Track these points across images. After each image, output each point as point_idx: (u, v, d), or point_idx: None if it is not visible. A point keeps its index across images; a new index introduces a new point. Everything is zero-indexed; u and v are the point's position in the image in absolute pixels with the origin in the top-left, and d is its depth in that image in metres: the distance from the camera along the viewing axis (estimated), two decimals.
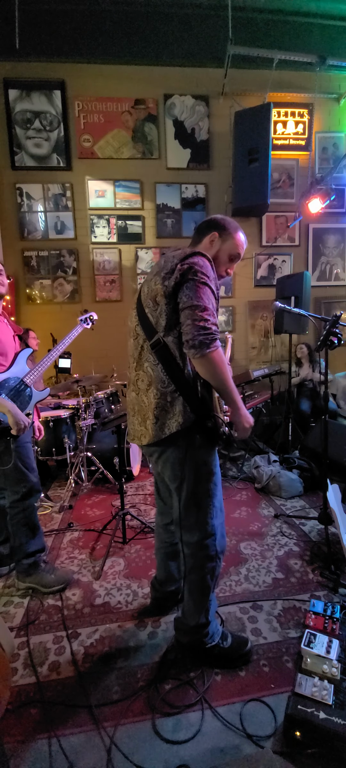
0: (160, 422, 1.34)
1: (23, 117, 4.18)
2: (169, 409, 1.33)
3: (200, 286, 1.26)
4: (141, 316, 1.39)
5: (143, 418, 1.40)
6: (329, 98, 4.58)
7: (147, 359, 1.37)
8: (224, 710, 1.36)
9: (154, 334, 1.33)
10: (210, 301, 1.27)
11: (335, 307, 4.73)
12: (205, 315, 1.24)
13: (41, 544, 2.14)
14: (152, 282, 1.35)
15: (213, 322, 1.26)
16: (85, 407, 3.40)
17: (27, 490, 2.01)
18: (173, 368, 1.31)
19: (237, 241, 1.47)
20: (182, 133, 4.42)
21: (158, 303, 1.32)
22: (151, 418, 1.35)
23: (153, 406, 1.35)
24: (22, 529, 2.03)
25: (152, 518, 2.84)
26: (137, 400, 1.42)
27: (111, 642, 1.69)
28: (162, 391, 1.33)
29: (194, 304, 1.24)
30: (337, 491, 2.35)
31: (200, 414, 1.33)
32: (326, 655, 1.42)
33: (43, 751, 1.25)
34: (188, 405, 1.32)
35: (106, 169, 4.36)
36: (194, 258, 1.29)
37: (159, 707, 1.38)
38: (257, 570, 2.16)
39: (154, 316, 1.34)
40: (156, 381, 1.34)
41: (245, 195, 4.10)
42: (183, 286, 1.27)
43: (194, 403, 1.33)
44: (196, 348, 1.23)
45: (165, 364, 1.32)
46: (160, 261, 1.41)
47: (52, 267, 4.38)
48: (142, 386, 1.39)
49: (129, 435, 1.52)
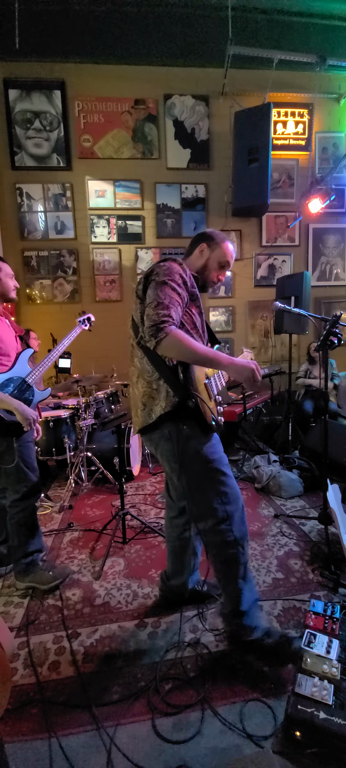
0: (147, 408, 1.46)
1: (23, 117, 4.18)
2: (155, 395, 1.45)
3: (158, 285, 1.38)
4: (131, 319, 1.57)
5: (136, 407, 1.54)
6: (329, 98, 4.58)
7: (136, 355, 1.52)
8: (224, 710, 1.36)
9: (138, 332, 1.48)
10: (166, 296, 1.36)
11: (335, 307, 4.73)
12: (157, 309, 1.33)
13: (40, 545, 2.15)
14: (136, 288, 1.52)
15: (164, 312, 1.32)
16: (85, 407, 3.40)
17: (28, 490, 2.02)
18: (155, 358, 1.42)
19: (225, 250, 1.61)
20: (181, 133, 4.42)
21: (136, 304, 1.49)
22: (140, 406, 1.49)
23: (141, 394, 1.49)
24: (21, 528, 2.04)
25: (152, 518, 2.84)
26: (132, 392, 1.57)
27: (111, 642, 1.69)
28: (148, 380, 1.46)
29: (148, 303, 1.37)
30: (337, 491, 2.35)
31: (183, 396, 1.40)
32: (326, 655, 1.42)
33: (43, 751, 1.25)
34: (171, 389, 1.42)
35: (106, 169, 4.36)
36: (159, 263, 1.45)
37: (159, 707, 1.38)
38: (257, 570, 2.16)
39: (136, 316, 1.50)
40: (143, 372, 1.48)
41: (245, 195, 4.10)
42: (147, 288, 1.42)
43: (176, 387, 1.41)
44: (149, 341, 1.33)
45: (149, 357, 1.45)
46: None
47: (52, 267, 4.38)
48: (134, 379, 1.54)
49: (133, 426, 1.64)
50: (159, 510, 2.98)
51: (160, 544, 2.47)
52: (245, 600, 1.53)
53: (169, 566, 1.84)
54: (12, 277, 2.04)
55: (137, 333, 1.48)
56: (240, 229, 4.60)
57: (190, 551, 1.77)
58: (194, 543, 1.78)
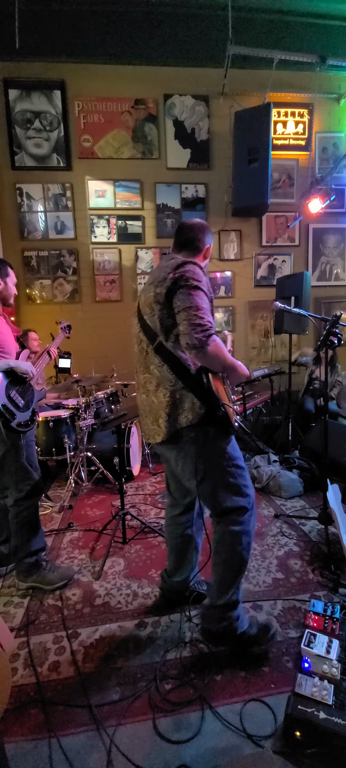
0: (172, 418, 1.42)
1: (23, 117, 4.18)
2: (179, 405, 1.42)
3: (192, 290, 1.35)
4: (141, 323, 1.50)
5: (155, 417, 1.48)
6: (329, 98, 4.57)
7: (152, 362, 1.46)
8: (224, 710, 1.36)
9: (156, 338, 1.43)
10: (204, 302, 1.35)
11: (335, 307, 4.73)
12: (199, 314, 1.31)
13: (43, 543, 2.15)
14: (148, 291, 1.47)
15: (208, 319, 1.33)
16: (85, 407, 3.40)
17: (31, 488, 2.03)
18: (177, 367, 1.41)
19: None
20: (182, 133, 4.41)
21: (153, 309, 1.43)
22: (163, 416, 1.44)
23: (164, 404, 1.43)
24: (25, 527, 2.04)
25: (152, 518, 2.84)
26: (148, 402, 1.51)
27: (111, 642, 1.69)
28: (171, 389, 1.42)
29: (188, 306, 1.33)
30: (337, 491, 2.35)
31: (210, 406, 1.40)
32: (326, 655, 1.42)
33: (43, 751, 1.25)
34: (197, 399, 1.40)
35: (106, 169, 4.36)
36: (184, 266, 1.40)
37: (159, 707, 1.38)
38: (257, 570, 2.16)
39: (152, 321, 1.44)
40: (163, 381, 1.43)
41: (245, 195, 4.09)
42: (177, 293, 1.36)
43: (202, 397, 1.40)
44: (196, 348, 1.30)
45: (170, 364, 1.42)
46: (154, 271, 1.52)
47: (52, 267, 4.38)
48: (151, 387, 1.48)
49: (145, 435, 1.60)
50: (159, 510, 2.98)
51: (160, 544, 2.47)
52: (241, 591, 1.58)
53: (171, 564, 1.85)
54: (15, 284, 2.11)
55: (154, 339, 1.44)
56: (240, 229, 4.60)
57: (192, 547, 1.79)
58: (195, 539, 1.80)
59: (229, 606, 1.52)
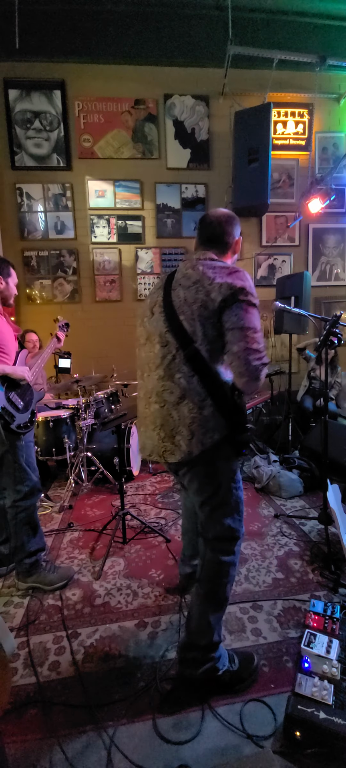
0: (195, 438, 1.25)
1: (23, 117, 4.18)
2: (204, 423, 1.26)
3: (250, 308, 1.23)
4: (173, 323, 1.29)
5: (170, 433, 1.30)
6: (329, 98, 4.57)
7: (180, 370, 1.27)
8: (224, 710, 1.36)
9: (190, 344, 1.25)
10: (259, 322, 1.26)
11: (335, 307, 4.72)
12: (257, 337, 1.22)
13: (42, 543, 2.15)
14: (193, 290, 1.27)
15: (264, 344, 1.24)
16: (85, 407, 3.40)
17: (29, 489, 2.02)
18: (209, 380, 1.26)
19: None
20: (181, 133, 4.41)
21: (199, 314, 1.25)
22: (184, 433, 1.26)
23: (188, 421, 1.26)
24: (23, 528, 2.03)
25: (152, 518, 2.84)
26: (162, 413, 1.31)
27: (111, 642, 1.69)
28: (199, 404, 1.25)
29: (246, 326, 1.21)
30: (337, 491, 2.35)
31: (235, 427, 1.29)
32: (326, 655, 1.42)
33: (43, 751, 1.25)
34: (224, 419, 1.27)
35: (106, 169, 4.36)
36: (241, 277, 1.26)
37: (159, 707, 1.38)
38: (257, 570, 2.16)
39: (192, 325, 1.25)
40: (191, 394, 1.26)
41: (245, 195, 4.09)
42: (232, 306, 1.22)
43: (229, 417, 1.28)
44: (252, 375, 1.20)
45: (201, 376, 1.25)
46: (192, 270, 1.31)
47: (52, 267, 4.38)
48: (172, 398, 1.28)
49: (144, 450, 1.42)
50: (159, 510, 2.98)
51: (160, 544, 2.47)
52: (221, 630, 1.46)
53: (189, 550, 1.87)
54: (16, 284, 2.10)
55: (187, 344, 1.25)
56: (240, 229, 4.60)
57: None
58: None
59: (209, 648, 1.40)
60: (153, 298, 1.41)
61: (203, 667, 1.40)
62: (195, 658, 1.41)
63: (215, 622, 1.41)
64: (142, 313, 1.44)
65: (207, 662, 1.40)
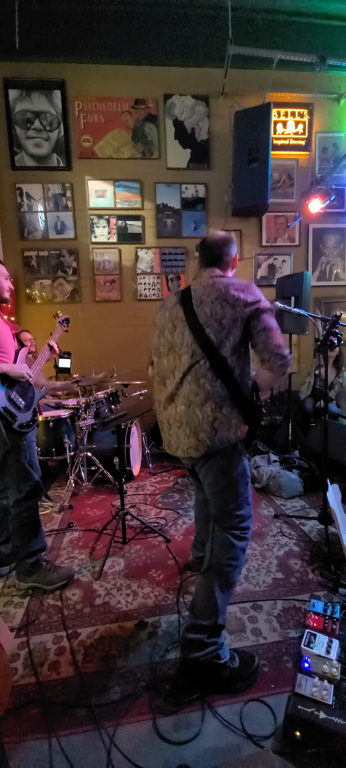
0: (219, 434, 1.42)
1: (23, 117, 4.18)
2: (225, 421, 1.42)
3: (272, 314, 1.45)
4: (200, 336, 1.44)
5: (194, 430, 1.45)
6: (329, 98, 4.57)
7: (205, 375, 1.42)
8: (224, 710, 1.36)
9: (216, 353, 1.41)
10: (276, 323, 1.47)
11: (335, 307, 4.73)
12: (280, 335, 1.42)
13: (43, 543, 2.15)
14: (218, 306, 1.42)
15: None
16: (85, 407, 3.40)
17: (31, 489, 2.02)
18: (232, 384, 1.42)
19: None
20: (182, 133, 4.41)
21: (225, 326, 1.41)
22: (208, 430, 1.42)
23: (211, 419, 1.42)
24: (25, 528, 2.03)
25: (152, 518, 2.84)
26: (187, 413, 1.46)
27: (111, 642, 1.69)
28: (220, 404, 1.42)
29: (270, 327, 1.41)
30: (337, 491, 2.35)
31: (253, 423, 1.47)
32: (326, 655, 1.42)
33: (43, 751, 1.25)
34: (242, 416, 1.44)
35: (106, 169, 4.36)
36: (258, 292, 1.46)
37: (159, 707, 1.38)
38: (257, 570, 2.16)
39: (219, 337, 1.41)
40: (214, 396, 1.42)
41: (245, 195, 4.09)
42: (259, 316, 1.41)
43: (249, 415, 1.45)
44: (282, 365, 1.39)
45: (224, 381, 1.42)
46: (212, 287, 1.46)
47: (52, 267, 4.38)
48: (197, 400, 1.43)
49: (170, 447, 1.57)
50: (159, 510, 2.98)
51: (160, 544, 2.47)
52: (225, 615, 1.52)
53: (203, 535, 1.96)
54: (7, 277, 2.04)
55: (213, 353, 1.41)
56: (240, 229, 4.60)
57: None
58: None
59: (214, 629, 1.44)
60: (172, 313, 1.54)
61: (206, 650, 1.42)
62: (198, 640, 1.43)
63: (221, 604, 1.46)
64: (162, 326, 1.57)
65: (210, 646, 1.43)
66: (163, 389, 1.57)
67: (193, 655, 1.42)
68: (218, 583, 1.46)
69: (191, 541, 2.18)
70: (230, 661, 1.48)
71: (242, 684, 1.44)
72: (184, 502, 3.09)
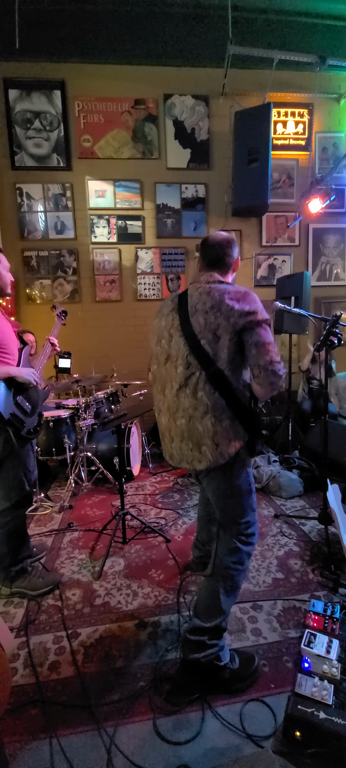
0: (220, 448, 1.39)
1: (23, 117, 4.18)
2: (225, 434, 1.39)
3: (268, 326, 1.40)
4: (195, 347, 1.41)
5: (196, 443, 1.43)
6: (329, 98, 4.57)
7: (202, 388, 1.40)
8: (224, 710, 1.36)
9: (212, 365, 1.38)
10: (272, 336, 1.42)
11: (335, 307, 4.72)
12: (275, 350, 1.38)
13: (29, 551, 2.11)
14: (211, 316, 1.38)
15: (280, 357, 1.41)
16: (85, 407, 3.40)
17: (20, 499, 1.96)
18: (230, 395, 1.39)
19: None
20: (181, 133, 4.41)
21: (219, 337, 1.37)
22: (209, 444, 1.40)
23: (211, 433, 1.39)
24: (11, 537, 1.97)
25: (152, 518, 2.84)
26: (188, 427, 1.44)
27: (111, 642, 1.69)
28: (219, 417, 1.39)
29: (267, 342, 1.36)
30: (337, 491, 2.35)
31: (253, 433, 1.44)
32: (326, 655, 1.42)
33: (43, 751, 1.25)
34: (242, 427, 1.41)
35: (106, 169, 4.36)
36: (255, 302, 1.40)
37: (159, 707, 1.38)
38: (257, 570, 2.16)
39: (214, 348, 1.38)
40: (213, 408, 1.39)
41: (245, 195, 4.09)
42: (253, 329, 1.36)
43: (248, 426, 1.43)
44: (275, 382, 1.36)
45: (222, 392, 1.39)
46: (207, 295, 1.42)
47: (52, 267, 4.38)
48: (197, 414, 1.41)
49: (173, 459, 1.55)
50: (159, 510, 2.98)
51: (160, 544, 2.47)
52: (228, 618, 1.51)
53: (204, 535, 1.99)
54: (8, 270, 1.99)
55: (209, 365, 1.38)
56: (240, 229, 4.60)
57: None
58: None
59: (216, 631, 1.44)
60: (168, 321, 1.51)
61: (206, 652, 1.42)
62: (200, 641, 1.43)
63: (225, 607, 1.45)
64: (159, 334, 1.54)
65: (211, 648, 1.42)
66: (162, 398, 1.55)
67: (193, 656, 1.42)
68: (224, 586, 1.45)
69: (191, 541, 2.18)
70: (230, 661, 1.48)
71: (242, 684, 1.44)
72: (184, 502, 3.09)
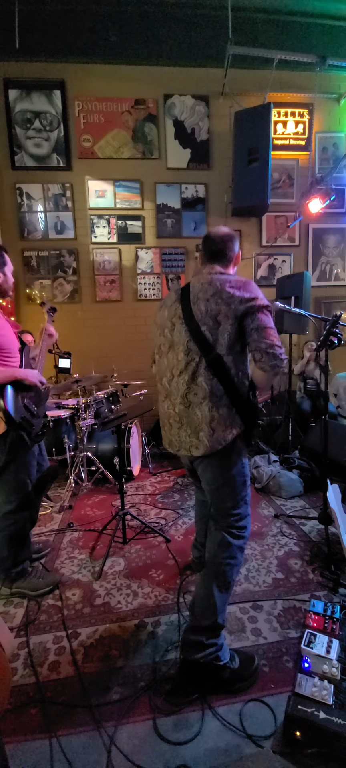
0: (216, 434, 1.41)
1: (23, 117, 4.18)
2: (222, 421, 1.41)
3: (268, 312, 1.42)
4: (195, 334, 1.43)
5: (194, 430, 1.45)
6: (329, 98, 4.57)
7: (202, 373, 1.42)
8: (224, 710, 1.36)
9: (212, 351, 1.40)
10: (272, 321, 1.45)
11: (335, 307, 4.73)
12: (276, 334, 1.39)
13: (30, 553, 2.11)
14: (213, 302, 1.41)
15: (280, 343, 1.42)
16: (85, 407, 3.40)
17: (21, 502, 1.95)
18: (228, 382, 1.41)
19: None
20: (181, 133, 4.41)
21: (220, 323, 1.39)
22: (206, 430, 1.42)
23: (208, 419, 1.41)
24: (12, 540, 1.96)
25: (152, 518, 2.84)
26: (187, 413, 1.47)
27: (111, 642, 1.69)
28: (217, 404, 1.41)
29: (265, 327, 1.38)
30: (337, 491, 2.35)
31: (250, 422, 1.46)
32: (326, 655, 1.42)
33: (43, 751, 1.25)
34: (239, 415, 1.43)
35: (106, 169, 4.36)
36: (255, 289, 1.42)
37: (159, 707, 1.38)
38: (257, 570, 2.16)
39: (214, 334, 1.40)
40: (211, 395, 1.41)
41: (245, 195, 4.09)
42: (254, 314, 1.38)
43: (246, 414, 1.45)
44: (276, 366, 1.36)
45: (221, 379, 1.41)
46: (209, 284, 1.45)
47: (52, 267, 4.38)
48: (196, 400, 1.44)
49: (172, 446, 1.57)
50: (159, 510, 2.98)
51: (160, 544, 2.47)
52: (225, 615, 1.51)
53: (202, 536, 1.95)
54: (12, 272, 2.01)
55: (209, 351, 1.40)
56: (240, 229, 4.60)
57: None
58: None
59: (213, 630, 1.44)
60: (171, 311, 1.54)
61: (206, 652, 1.42)
62: (198, 641, 1.42)
63: (220, 603, 1.45)
64: (162, 324, 1.57)
65: (209, 647, 1.43)
66: (164, 385, 1.58)
67: (193, 657, 1.42)
68: (217, 583, 1.46)
69: (191, 541, 2.18)
70: (230, 661, 1.48)
71: (242, 684, 1.44)
72: (184, 502, 3.09)
